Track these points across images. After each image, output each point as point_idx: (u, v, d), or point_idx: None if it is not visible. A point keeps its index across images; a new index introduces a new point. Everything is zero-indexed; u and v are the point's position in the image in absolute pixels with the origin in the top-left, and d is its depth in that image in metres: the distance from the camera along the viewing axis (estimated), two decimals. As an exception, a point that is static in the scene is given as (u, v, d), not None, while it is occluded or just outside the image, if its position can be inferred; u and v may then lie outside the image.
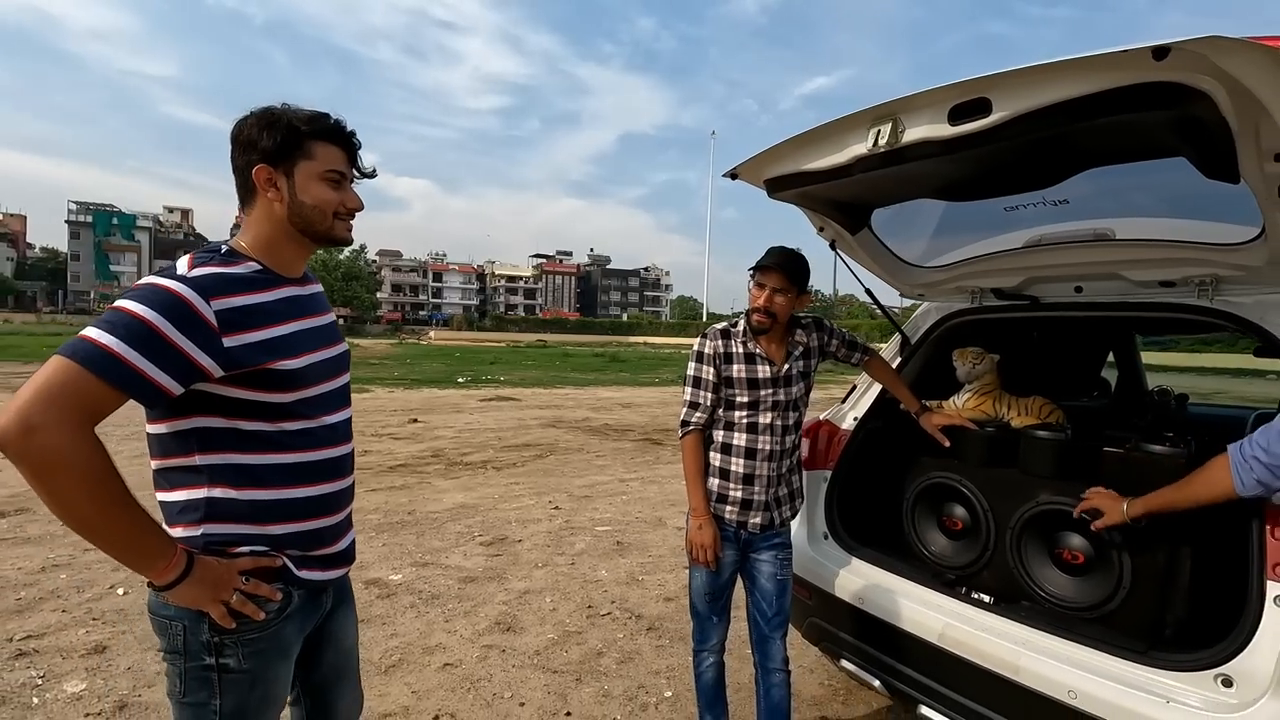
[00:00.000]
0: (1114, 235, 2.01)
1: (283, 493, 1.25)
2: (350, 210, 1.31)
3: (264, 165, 1.22)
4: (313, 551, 1.31)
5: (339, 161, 1.27)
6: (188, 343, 1.09)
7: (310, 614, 1.34)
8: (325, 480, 1.31)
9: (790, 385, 2.11)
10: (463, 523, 5.23)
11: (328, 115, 1.27)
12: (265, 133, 1.21)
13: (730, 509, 2.10)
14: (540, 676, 2.97)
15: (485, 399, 13.95)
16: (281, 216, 1.25)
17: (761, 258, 2.06)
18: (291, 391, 1.23)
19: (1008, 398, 2.38)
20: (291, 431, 1.25)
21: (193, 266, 1.16)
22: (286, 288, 1.27)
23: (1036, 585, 1.97)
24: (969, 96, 1.48)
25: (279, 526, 1.25)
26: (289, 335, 1.24)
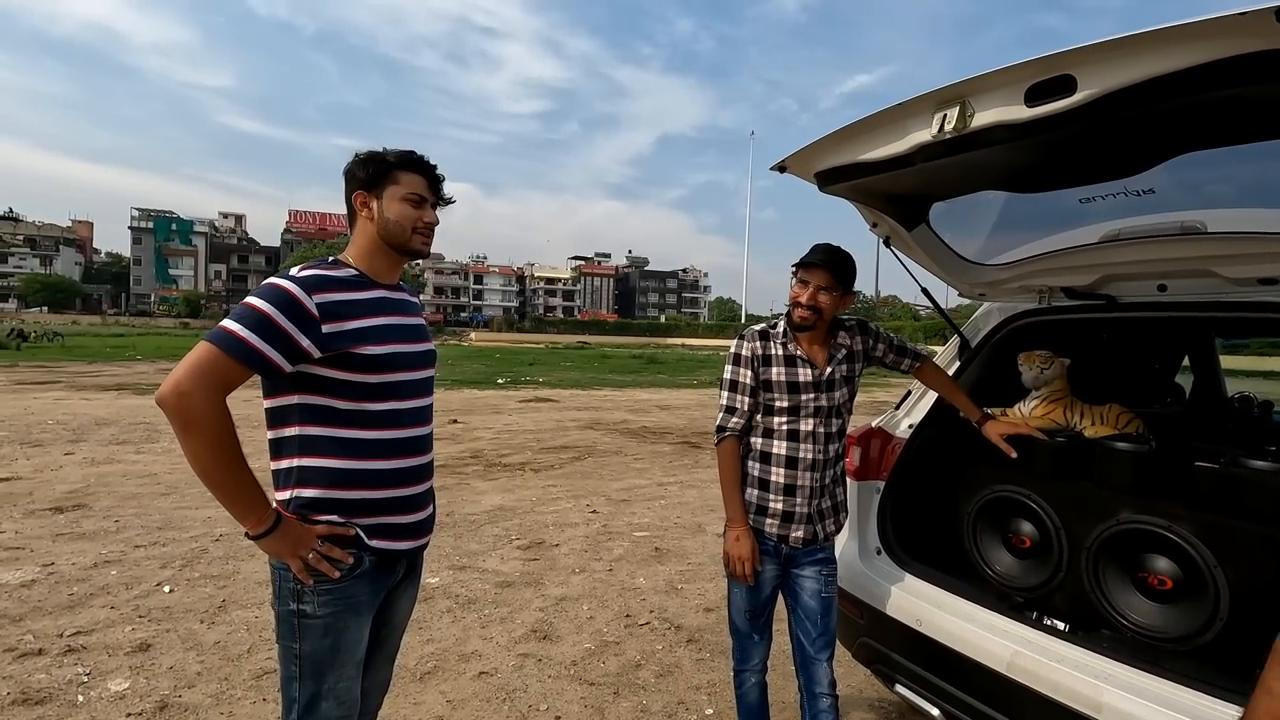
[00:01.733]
0: (1205, 228, 1.82)
1: (360, 464, 1.47)
2: (427, 225, 1.57)
3: (361, 191, 1.53)
4: (384, 519, 1.51)
5: (420, 187, 1.55)
6: (293, 328, 1.36)
7: (383, 578, 1.55)
8: (401, 456, 1.52)
9: (833, 390, 1.99)
10: (500, 525, 5.20)
11: (413, 152, 1.56)
12: (362, 167, 1.53)
13: (770, 521, 1.98)
14: (577, 689, 2.88)
15: (524, 400, 14.01)
16: (373, 232, 1.53)
17: (806, 254, 1.95)
18: (376, 374, 1.47)
19: (1080, 405, 2.20)
20: (374, 411, 1.47)
21: (303, 269, 1.45)
22: (378, 290, 1.54)
23: (1117, 612, 1.80)
24: (1050, 74, 1.34)
25: (356, 493, 1.47)
26: (376, 327, 1.47)
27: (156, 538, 4.52)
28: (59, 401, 10.76)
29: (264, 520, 1.38)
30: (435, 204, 1.60)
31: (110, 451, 7.22)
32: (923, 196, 2.14)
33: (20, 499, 5.29)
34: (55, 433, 8.12)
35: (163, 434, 8.29)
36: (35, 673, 2.78)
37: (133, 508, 5.19)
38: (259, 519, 1.38)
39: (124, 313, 77.48)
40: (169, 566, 4.03)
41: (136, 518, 4.94)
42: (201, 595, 3.64)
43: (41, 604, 3.44)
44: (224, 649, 3.07)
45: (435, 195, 1.59)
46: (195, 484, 5.99)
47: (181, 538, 4.53)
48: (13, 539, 4.38)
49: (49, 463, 6.58)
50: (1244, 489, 1.63)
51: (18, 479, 5.90)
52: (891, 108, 1.63)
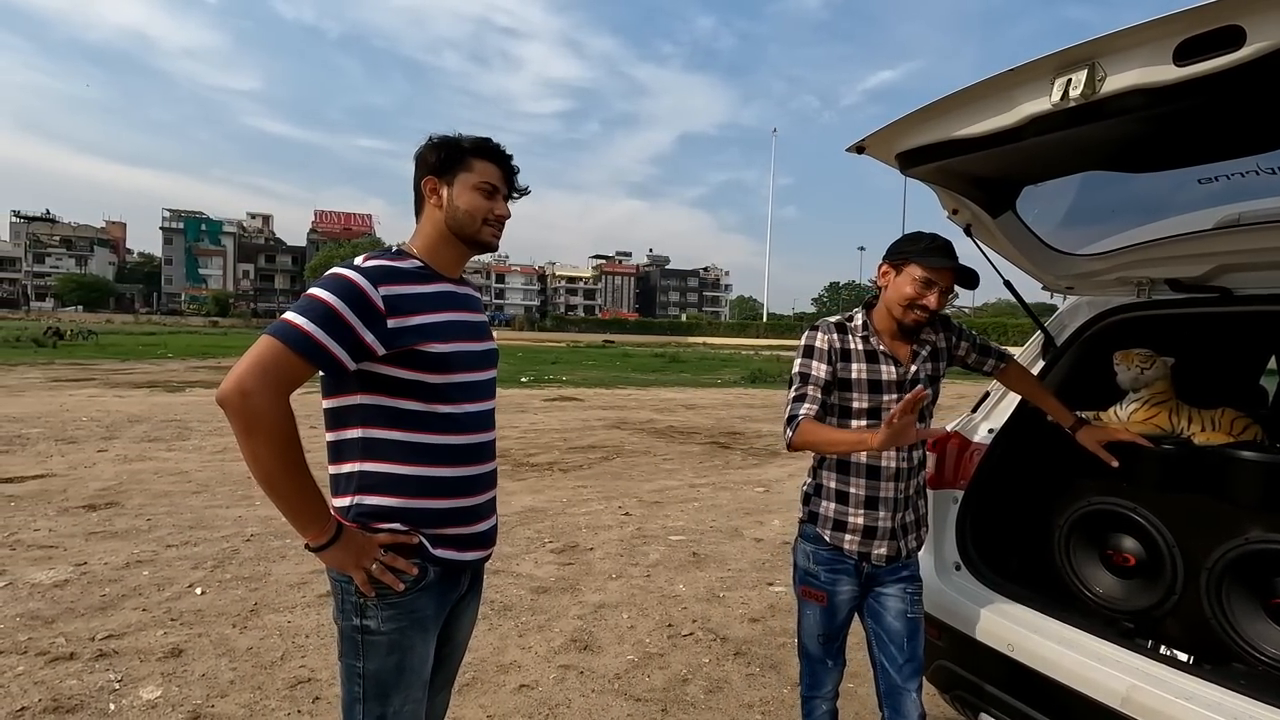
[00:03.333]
0: (1348, 211, 1.62)
1: (426, 470, 1.38)
2: (499, 218, 1.46)
3: (431, 177, 1.43)
4: (449, 530, 1.42)
5: (493, 176, 1.44)
6: (358, 322, 1.28)
7: (448, 592, 1.47)
8: (466, 463, 1.43)
9: None
10: (532, 527, 5.07)
11: (489, 139, 1.46)
12: (434, 151, 1.43)
13: (850, 538, 1.81)
14: (623, 704, 2.73)
15: (549, 399, 13.91)
16: (441, 220, 1.44)
17: (928, 247, 1.71)
18: (441, 374, 1.38)
19: (1187, 409, 2.00)
20: (439, 414, 1.38)
21: (366, 260, 1.36)
22: (444, 284, 1.44)
23: (1247, 642, 1.60)
24: (1212, 25, 1.15)
25: (419, 501, 1.38)
26: (442, 323, 1.39)
27: (188, 537, 4.46)
28: (93, 399, 10.88)
29: (325, 531, 1.30)
30: (508, 196, 1.50)
31: (142, 449, 7.23)
32: (1015, 179, 1.95)
33: (55, 496, 5.27)
34: (89, 429, 8.17)
35: (194, 431, 8.31)
36: (67, 678, 2.70)
37: (164, 506, 5.15)
38: (320, 530, 1.30)
39: (155, 311, 79.08)
40: (200, 567, 3.96)
41: (168, 516, 4.89)
42: (233, 598, 3.56)
43: (74, 605, 3.37)
44: (257, 655, 2.97)
45: (509, 187, 1.49)
46: (225, 482, 5.96)
47: (213, 537, 4.47)
48: (46, 537, 4.35)
49: (83, 460, 6.59)
50: None
51: (52, 476, 5.91)
52: (1003, 74, 1.45)
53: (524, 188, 1.53)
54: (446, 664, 1.60)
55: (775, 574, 4.29)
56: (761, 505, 6.03)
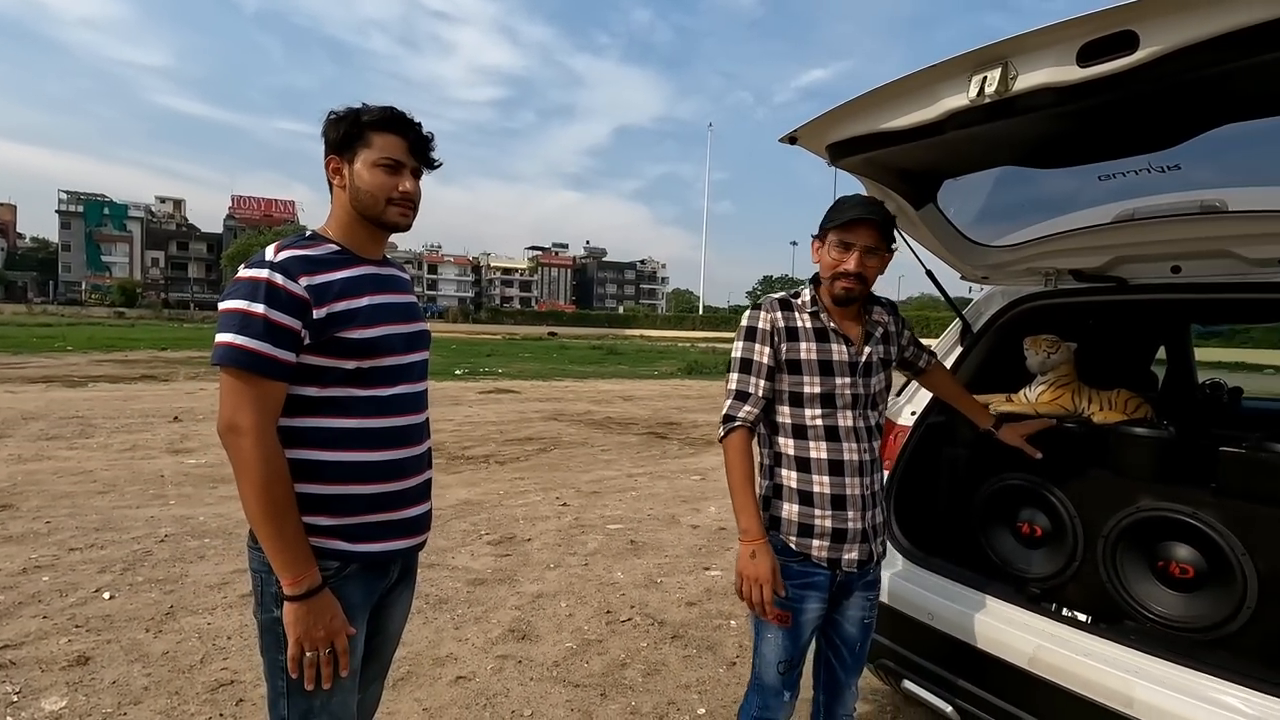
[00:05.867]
0: (1226, 207, 1.77)
1: (353, 455, 1.34)
2: (404, 195, 1.38)
3: (333, 155, 1.38)
4: (379, 516, 1.38)
5: (396, 150, 1.37)
6: (288, 318, 1.24)
7: (375, 581, 1.43)
8: (396, 446, 1.40)
9: (870, 375, 1.68)
10: (468, 520, 5.00)
11: (392, 109, 1.37)
12: (334, 127, 1.36)
13: (819, 544, 1.63)
14: (561, 691, 2.74)
15: (484, 391, 13.69)
16: (346, 201, 1.38)
17: (844, 210, 1.58)
18: (368, 359, 1.34)
19: (1087, 390, 2.16)
20: (366, 398, 1.35)
21: (278, 251, 1.30)
22: (365, 266, 1.40)
23: (1138, 602, 1.75)
24: (1110, 30, 1.24)
25: (346, 487, 1.34)
26: (366, 307, 1.35)
27: (94, 540, 4.18)
28: (-21, 394, 10.00)
29: (299, 583, 1.26)
30: (419, 171, 1.42)
31: (39, 448, 6.70)
32: (936, 173, 2.05)
33: (-64, 500, 4.83)
34: (-25, 428, 7.51)
35: (98, 429, 7.76)
36: (-45, 693, 2.49)
37: (66, 508, 4.79)
38: (294, 579, 1.26)
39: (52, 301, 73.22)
40: (108, 571, 3.72)
41: (70, 518, 4.56)
42: (146, 601, 3.36)
43: (-39, 616, 3.11)
44: (173, 660, 2.82)
45: (418, 160, 1.41)
46: (135, 481, 5.60)
47: (122, 539, 4.19)
48: (-73, 544, 3.99)
49: (-32, 460, 6.06)
50: (1274, 474, 1.59)
51: (-67, 478, 5.41)
52: (924, 70, 1.52)
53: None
54: (379, 655, 1.57)
55: (712, 559, 4.38)
56: (698, 493, 6.13)
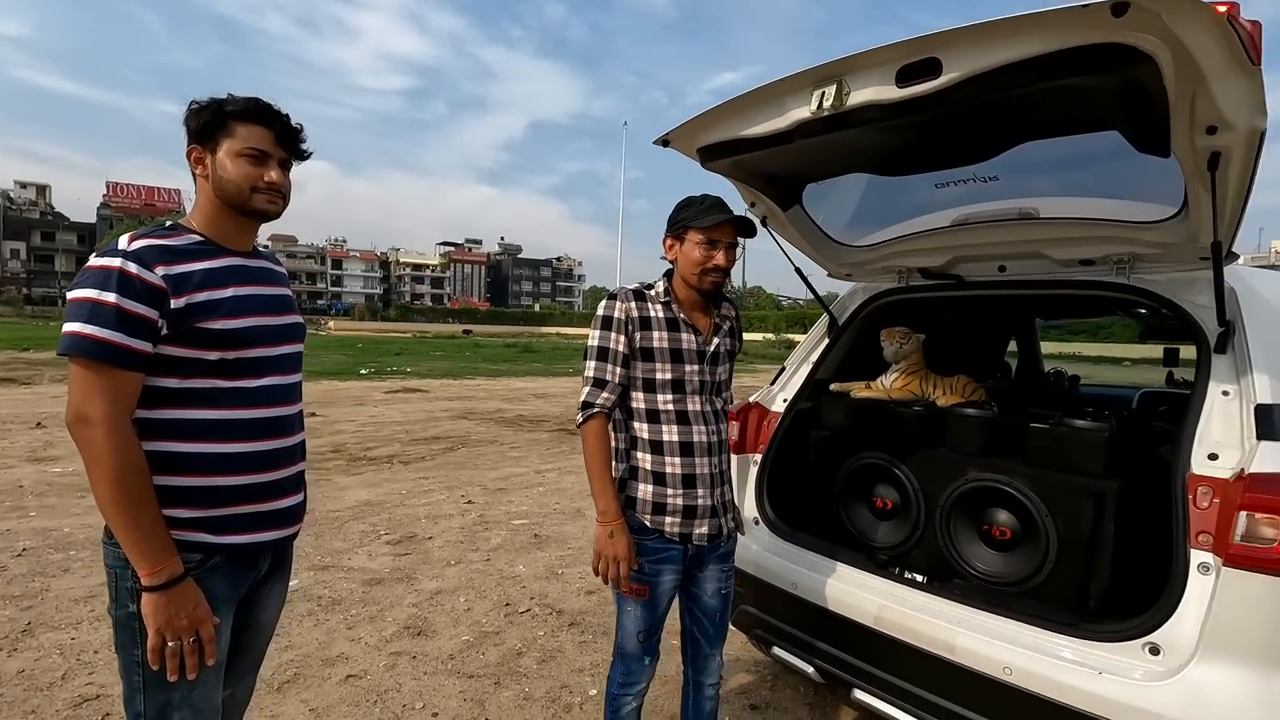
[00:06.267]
0: (1038, 214, 2.03)
1: (216, 447, 1.34)
2: (270, 185, 1.39)
3: (194, 145, 1.37)
4: (245, 507, 1.37)
5: (262, 140, 1.37)
6: (143, 307, 1.23)
7: (242, 574, 1.42)
8: (262, 438, 1.39)
9: (717, 364, 1.82)
10: (367, 521, 4.88)
11: (256, 100, 1.38)
12: (195, 117, 1.36)
13: (671, 520, 1.75)
14: (455, 683, 2.76)
15: (391, 391, 13.27)
16: (209, 190, 1.38)
17: (708, 212, 1.70)
18: (232, 350, 1.34)
19: (934, 377, 2.39)
20: (229, 390, 1.35)
21: (133, 240, 1.28)
22: (229, 258, 1.39)
23: (966, 562, 1.98)
24: (918, 56, 1.41)
25: (209, 479, 1.33)
26: (229, 298, 1.34)
27: (-65, 556, 3.80)
28: None
29: (155, 575, 1.24)
30: (287, 161, 1.43)
31: None
32: (798, 177, 2.21)
33: None
34: None
35: (-58, 436, 7.00)
36: None
37: (-99, 523, 4.33)
38: (151, 570, 1.24)
39: (-112, 295, 64.75)
40: (-49, 587, 3.40)
41: (-93, 534, 4.12)
42: (0, 620, 3.11)
43: None
44: (30, 678, 2.63)
45: (286, 151, 1.42)
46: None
47: (-30, 554, 3.84)
48: None
49: None
50: (1068, 446, 1.84)
51: None
52: (773, 83, 1.66)
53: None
54: (250, 648, 1.56)
55: (613, 549, 4.48)
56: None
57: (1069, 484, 1.81)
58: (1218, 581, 1.44)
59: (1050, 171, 1.95)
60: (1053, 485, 1.84)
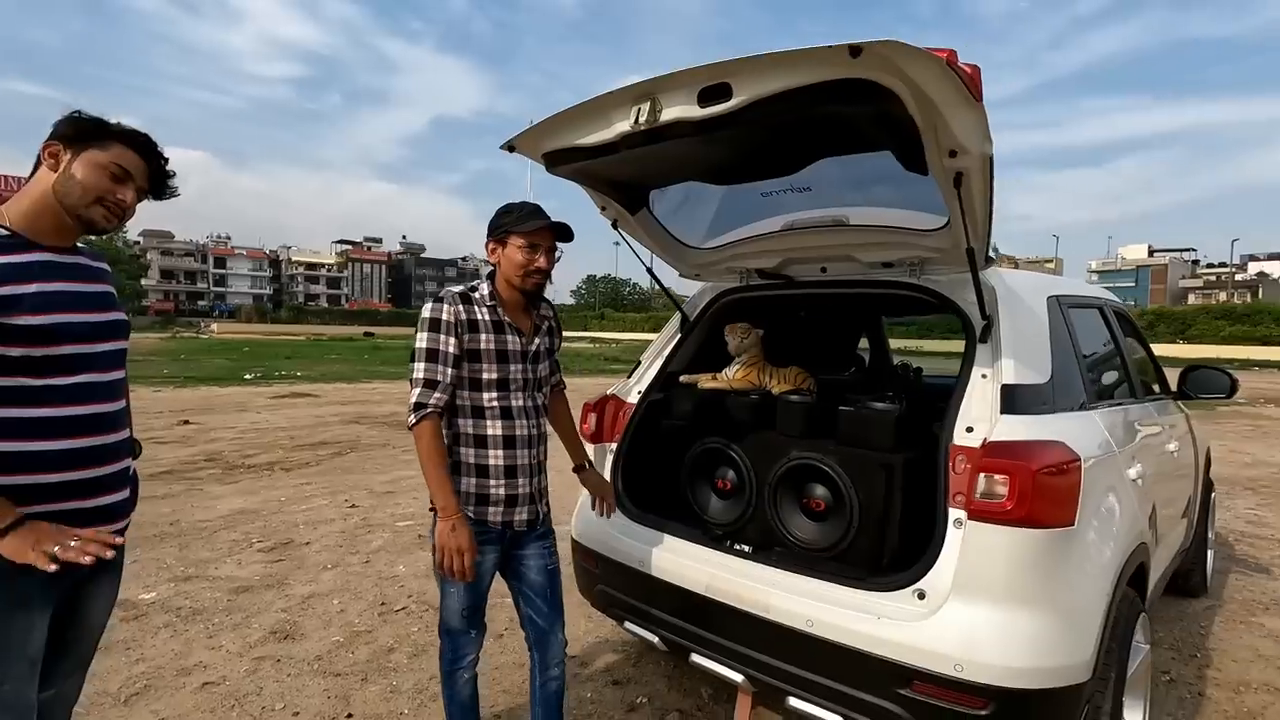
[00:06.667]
0: (848, 221, 2.28)
1: (28, 445, 1.33)
2: (118, 203, 1.41)
3: (56, 142, 1.38)
4: (61, 505, 1.36)
5: (131, 163, 1.42)
6: None
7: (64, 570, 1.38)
8: (80, 435, 1.39)
9: (538, 362, 1.96)
10: (239, 530, 4.70)
11: (146, 135, 1.45)
12: (71, 124, 1.39)
13: (494, 510, 1.87)
14: (320, 682, 2.75)
15: (277, 396, 12.63)
16: (47, 185, 1.38)
17: (528, 218, 1.84)
18: (39, 347, 1.32)
19: (770, 368, 2.62)
20: (38, 387, 1.33)
21: None
22: (38, 253, 1.37)
23: (789, 532, 2.20)
24: (713, 80, 1.59)
25: (23, 478, 1.32)
26: (33, 294, 1.32)
27: None
28: None
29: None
30: (147, 194, 1.49)
31: None
32: (641, 183, 2.38)
33: None
34: None
35: None
36: None
37: None
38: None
39: None
40: None
41: None
42: None
43: None
44: None
45: (147, 185, 1.47)
46: None
47: None
48: None
49: None
50: (867, 425, 2.10)
51: None
52: (598, 97, 1.81)
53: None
54: (76, 647, 1.55)
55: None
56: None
57: (867, 459, 2.06)
58: (965, 534, 1.71)
59: (853, 184, 2.20)
60: (856, 460, 2.09)
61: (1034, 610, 1.66)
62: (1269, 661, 3.11)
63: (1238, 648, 3.24)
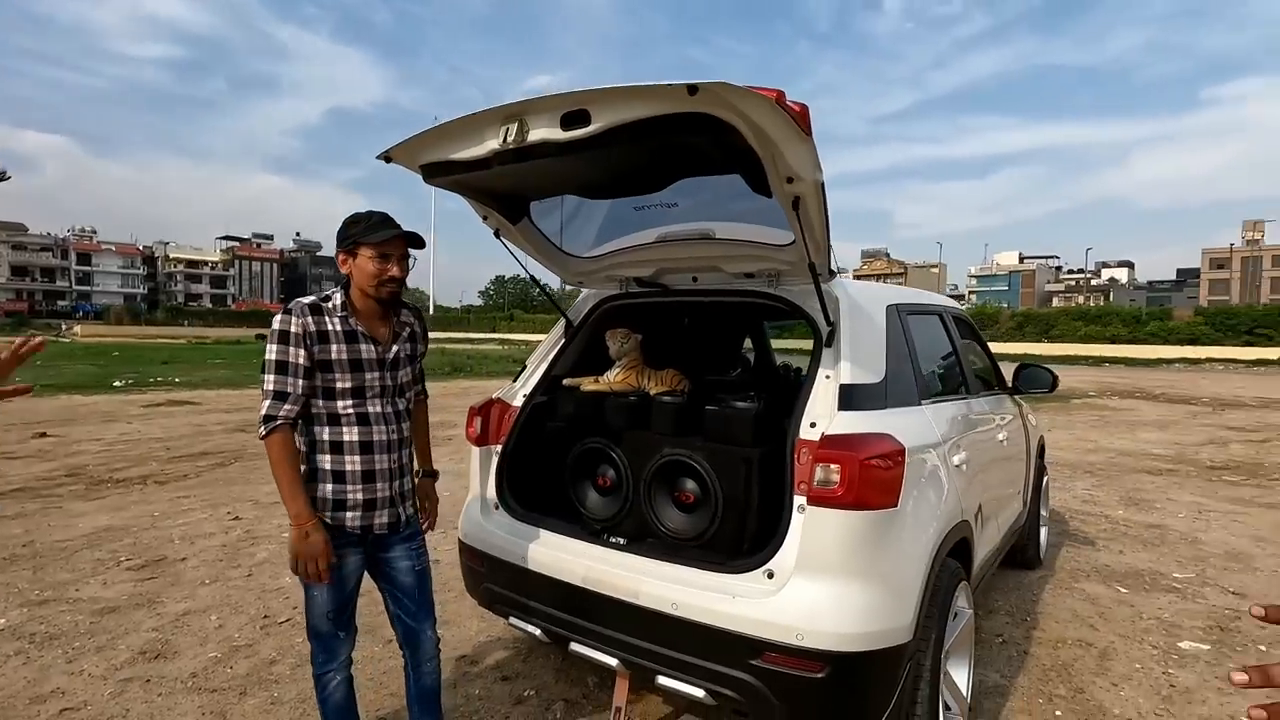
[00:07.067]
0: (714, 234, 2.47)
1: None
2: None
3: None
4: None
5: None
6: None
7: None
8: None
9: (398, 369, 1.98)
10: (105, 548, 4.40)
11: None
12: None
13: (352, 515, 1.90)
14: (194, 699, 2.67)
15: (151, 405, 11.72)
16: None
17: (378, 229, 1.87)
18: None
19: (648, 371, 2.78)
20: None
21: None
22: None
23: (661, 523, 2.36)
24: (573, 107, 1.72)
25: None
26: None
27: None
28: None
29: None
30: None
31: None
32: (520, 195, 2.48)
33: None
34: None
35: None
36: None
37: None
38: None
39: None
40: None
41: None
42: None
43: None
44: None
45: None
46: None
47: None
48: None
49: None
50: (730, 422, 2.29)
51: None
52: (469, 116, 1.89)
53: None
54: None
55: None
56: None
57: (729, 453, 2.25)
58: (806, 518, 1.92)
59: (716, 201, 2.39)
60: (720, 455, 2.27)
61: (862, 582, 1.89)
62: (1084, 620, 3.59)
63: (1060, 610, 3.72)
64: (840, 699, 1.86)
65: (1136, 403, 15.51)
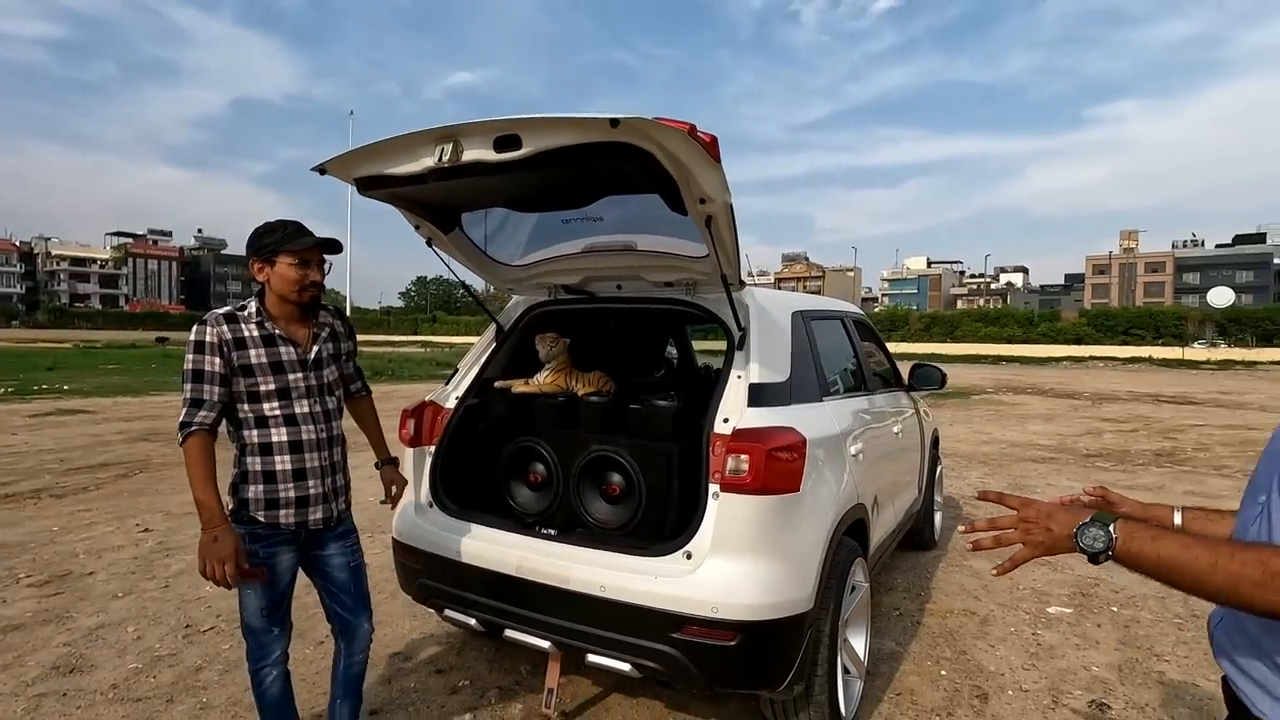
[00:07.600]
0: (636, 246, 2.67)
1: None
2: None
3: None
4: None
5: None
6: None
7: None
8: None
9: (322, 369, 2.06)
10: (1, 566, 4.16)
11: None
12: None
13: (285, 513, 1.97)
14: (117, 709, 2.64)
15: (38, 414, 10.88)
16: None
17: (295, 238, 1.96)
18: None
19: (576, 373, 2.95)
20: None
21: None
22: None
23: (589, 515, 2.53)
24: (505, 132, 1.87)
25: None
26: None
27: None
28: None
29: None
30: None
31: None
32: (453, 207, 2.59)
33: None
34: None
35: None
36: None
37: None
38: None
39: None
40: None
41: None
42: None
43: None
44: None
45: None
46: None
47: None
48: None
49: None
50: (651, 420, 2.49)
51: None
52: (405, 135, 2.01)
53: None
54: None
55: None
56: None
57: (651, 448, 2.45)
58: (719, 503, 2.14)
59: (637, 216, 2.58)
60: (643, 450, 2.47)
61: (768, 559, 2.13)
62: (969, 593, 4.01)
63: (949, 584, 4.13)
64: (750, 662, 2.09)
65: (1028, 398, 16.87)
